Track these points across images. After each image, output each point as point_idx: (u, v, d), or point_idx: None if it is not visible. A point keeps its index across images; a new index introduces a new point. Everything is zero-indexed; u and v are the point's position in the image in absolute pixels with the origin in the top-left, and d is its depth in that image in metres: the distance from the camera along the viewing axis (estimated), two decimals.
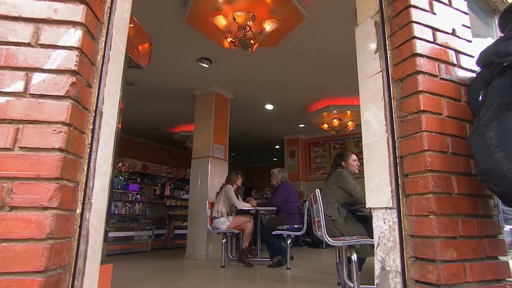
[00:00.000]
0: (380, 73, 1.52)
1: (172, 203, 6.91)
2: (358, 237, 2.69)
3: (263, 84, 5.36)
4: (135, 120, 7.55)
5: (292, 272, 3.75)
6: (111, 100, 1.24)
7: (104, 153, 1.20)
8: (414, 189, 1.28)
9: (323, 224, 2.53)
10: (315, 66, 4.70)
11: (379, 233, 1.42)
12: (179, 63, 4.65)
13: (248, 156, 12.01)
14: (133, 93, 5.79)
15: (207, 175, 5.14)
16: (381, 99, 1.49)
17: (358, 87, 1.68)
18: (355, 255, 2.46)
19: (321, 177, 8.39)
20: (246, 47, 3.27)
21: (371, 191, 1.49)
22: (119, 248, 5.20)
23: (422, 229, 1.22)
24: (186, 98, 5.92)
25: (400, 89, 1.41)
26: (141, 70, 4.89)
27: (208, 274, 3.69)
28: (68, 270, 0.98)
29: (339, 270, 2.89)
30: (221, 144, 5.48)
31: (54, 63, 0.98)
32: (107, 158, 1.22)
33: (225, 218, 4.26)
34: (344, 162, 3.11)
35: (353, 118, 6.37)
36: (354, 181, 2.96)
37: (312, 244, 6.73)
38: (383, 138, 1.45)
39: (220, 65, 4.71)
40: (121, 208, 5.50)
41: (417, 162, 1.28)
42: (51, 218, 0.88)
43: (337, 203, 2.91)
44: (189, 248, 5.03)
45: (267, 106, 6.39)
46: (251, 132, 8.53)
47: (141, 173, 8.39)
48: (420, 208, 1.25)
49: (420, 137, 1.28)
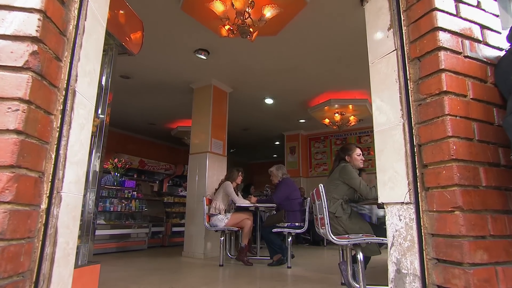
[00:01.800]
0: (394, 52, 1.35)
1: (170, 200, 6.75)
2: (364, 235, 2.54)
3: (262, 77, 5.19)
4: (132, 116, 7.38)
5: (293, 271, 3.60)
6: (87, 78, 1.07)
7: (79, 140, 1.03)
8: (435, 181, 1.12)
9: (327, 222, 2.37)
10: (317, 57, 4.52)
11: (394, 231, 1.27)
12: (175, 54, 4.48)
13: (247, 153, 11.84)
14: (129, 86, 5.61)
15: (205, 171, 4.98)
16: (395, 81, 1.33)
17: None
18: (361, 254, 2.30)
19: (322, 174, 8.24)
20: (244, 35, 3.10)
21: (384, 185, 1.33)
22: (114, 246, 5.05)
23: (445, 227, 1.06)
24: (183, 92, 5.75)
25: (418, 68, 1.25)
26: (137, 63, 4.74)
27: (205, 274, 3.54)
28: (29, 277, 0.82)
29: (343, 270, 2.74)
30: (219, 139, 5.32)
31: (10, 28, 0.81)
32: (82, 145, 1.06)
33: (223, 215, 4.10)
34: (348, 156, 2.95)
35: (355, 112, 6.20)
36: (358, 176, 2.80)
37: (313, 242, 6.59)
38: (398, 125, 1.29)
39: (218, 57, 4.53)
40: (116, 205, 5.34)
41: (439, 150, 1.12)
42: (2, 214, 0.72)
43: (341, 199, 2.75)
44: (187, 246, 4.88)
45: (267, 101, 6.22)
46: (251, 128, 8.36)
47: (138, 170, 8.23)
48: (442, 202, 1.08)
49: (443, 122, 1.11)
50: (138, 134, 8.89)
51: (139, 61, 4.70)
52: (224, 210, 4.17)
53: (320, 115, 6.41)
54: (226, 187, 4.17)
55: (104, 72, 2.18)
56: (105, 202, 5.21)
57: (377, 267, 3.34)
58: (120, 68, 4.93)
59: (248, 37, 3.17)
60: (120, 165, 5.86)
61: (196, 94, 5.49)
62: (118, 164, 5.84)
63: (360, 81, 5.23)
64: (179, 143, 9.11)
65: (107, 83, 2.15)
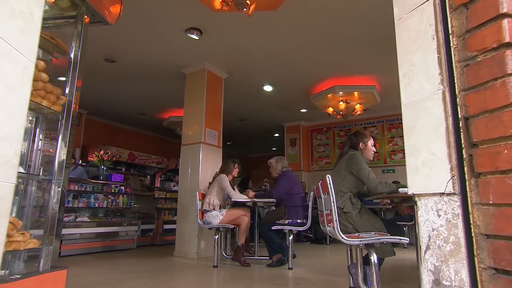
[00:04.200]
0: (431, 1, 1.09)
1: (161, 195, 6.51)
2: (376, 233, 2.31)
3: (261, 60, 4.91)
4: (121, 105, 7.10)
5: (295, 273, 3.37)
6: (18, 22, 0.81)
7: (6, 106, 0.77)
8: (491, 165, 0.87)
9: (335, 218, 2.12)
10: (321, 38, 4.24)
11: (430, 230, 1.02)
12: (165, 34, 4.19)
13: (244, 146, 11.60)
14: (115, 72, 5.32)
15: (198, 163, 4.73)
16: (432, 38, 1.07)
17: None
18: (375, 256, 2.07)
19: (324, 167, 8.02)
20: (240, 7, 2.82)
21: (416, 171, 1.08)
22: (99, 245, 4.82)
23: (508, 226, 0.81)
24: (175, 77, 5.47)
25: (465, 18, 0.99)
26: (123, 44, 4.44)
27: (197, 276, 3.31)
28: None
29: (353, 274, 2.51)
30: (214, 129, 5.06)
31: None
32: (13, 114, 0.80)
33: (217, 211, 3.86)
34: (362, 143, 2.69)
35: (361, 100, 5.94)
36: (368, 167, 2.55)
37: (314, 240, 6.38)
38: (435, 94, 1.04)
39: (212, 37, 4.25)
40: (102, 201, 5.09)
41: (498, 123, 0.86)
42: None
43: (349, 193, 2.51)
44: (179, 246, 4.65)
45: (266, 88, 5.94)
46: (248, 118, 8.10)
47: (127, 163, 7.96)
48: (503, 193, 0.83)
49: (504, 85, 0.86)
50: (127, 125, 8.61)
51: (125, 43, 4.42)
52: (218, 206, 3.93)
53: (323, 103, 6.15)
54: (221, 180, 3.93)
55: (73, 44, 1.91)
56: (89, 198, 4.96)
57: (385, 268, 3.12)
58: (104, 50, 4.65)
59: (245, 10, 2.89)
60: (107, 158, 5.60)
61: (189, 80, 5.21)
62: (104, 157, 5.57)
63: (367, 65, 4.97)
64: (172, 135, 8.84)
65: (76, 58, 1.88)
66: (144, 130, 9.14)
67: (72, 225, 4.46)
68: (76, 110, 1.85)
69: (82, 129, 7.25)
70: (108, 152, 5.75)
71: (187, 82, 5.22)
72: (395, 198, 2.71)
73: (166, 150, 9.43)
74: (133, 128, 8.84)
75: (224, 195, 4.02)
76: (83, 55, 1.86)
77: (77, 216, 4.64)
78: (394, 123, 7.24)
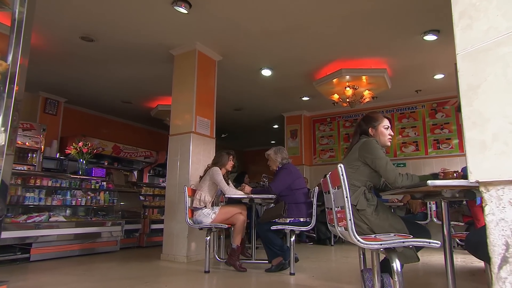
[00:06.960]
0: None
1: (149, 192, 6.23)
2: (396, 234, 2.04)
3: (259, 40, 4.60)
4: (103, 92, 6.77)
5: (298, 280, 3.11)
6: None
7: None
8: None
9: (349, 217, 1.84)
10: (326, 13, 3.94)
11: (507, 235, 0.73)
12: (149, 7, 3.85)
13: (241, 139, 11.32)
14: (94, 53, 4.99)
15: (188, 155, 4.44)
16: None
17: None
18: (398, 262, 1.79)
19: (327, 161, 7.76)
20: None
21: (482, 148, 0.79)
22: (78, 248, 4.53)
23: None
24: (162, 60, 5.16)
25: None
26: (102, 19, 4.10)
27: (186, 284, 3.04)
28: None
29: (367, 280, 2.25)
30: (206, 117, 4.76)
31: None
32: None
33: (209, 209, 3.58)
34: (372, 128, 2.40)
35: (370, 86, 5.65)
36: (385, 156, 2.26)
37: (318, 240, 6.14)
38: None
39: (203, 11, 3.92)
40: (80, 198, 4.79)
41: None
42: None
43: (364, 187, 2.23)
44: (166, 248, 4.38)
45: (264, 72, 5.63)
46: (244, 108, 7.80)
47: (112, 157, 7.65)
48: None
49: None
50: (111, 115, 8.29)
51: (104, 17, 4.08)
52: (210, 203, 3.65)
53: (327, 89, 5.86)
54: (213, 174, 3.64)
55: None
56: (64, 195, 4.65)
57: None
58: (80, 27, 4.31)
59: None
60: (86, 150, 5.28)
61: (177, 62, 4.90)
62: (83, 149, 5.26)
63: (378, 45, 4.68)
64: (161, 126, 8.54)
65: (21, 16, 1.57)
66: (130, 121, 8.82)
67: (45, 225, 4.16)
68: (22, 88, 1.54)
69: (60, 119, 6.91)
70: (88, 144, 5.42)
71: (176, 65, 4.91)
72: (417, 194, 2.43)
73: (155, 143, 9.12)
74: (117, 119, 8.51)
75: (216, 191, 3.74)
76: (31, 11, 1.55)
77: (51, 215, 4.34)
78: (405, 112, 6.96)
